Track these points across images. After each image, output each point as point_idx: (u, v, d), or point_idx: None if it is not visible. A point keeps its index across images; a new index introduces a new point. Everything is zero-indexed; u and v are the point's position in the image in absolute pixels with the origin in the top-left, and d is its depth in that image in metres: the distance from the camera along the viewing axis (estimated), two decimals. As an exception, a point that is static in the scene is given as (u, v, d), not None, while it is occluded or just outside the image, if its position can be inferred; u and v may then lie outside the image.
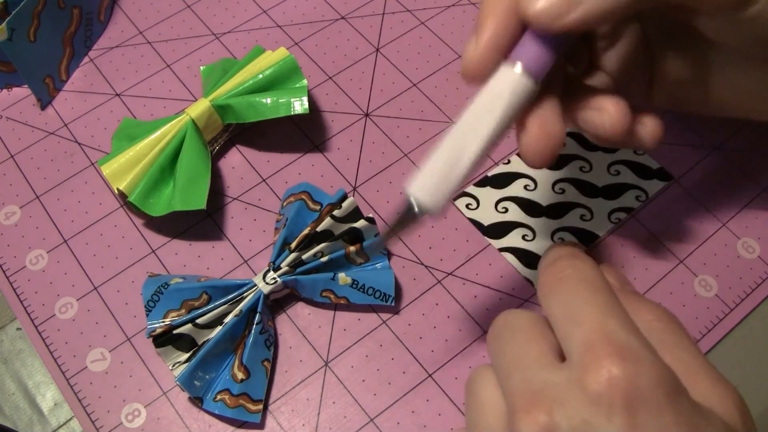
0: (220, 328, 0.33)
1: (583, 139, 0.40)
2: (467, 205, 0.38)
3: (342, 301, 0.35)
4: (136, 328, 0.35)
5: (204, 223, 0.38)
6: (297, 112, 0.37)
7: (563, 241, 0.37)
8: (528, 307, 0.36)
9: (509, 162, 0.40)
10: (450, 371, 0.34)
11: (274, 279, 0.34)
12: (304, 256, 0.34)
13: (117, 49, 0.44)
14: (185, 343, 0.33)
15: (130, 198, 0.36)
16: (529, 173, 0.39)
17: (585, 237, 0.37)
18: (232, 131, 0.40)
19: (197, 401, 0.33)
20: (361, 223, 0.35)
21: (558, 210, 0.38)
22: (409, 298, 0.36)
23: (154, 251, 0.37)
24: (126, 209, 0.38)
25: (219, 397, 0.32)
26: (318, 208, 0.36)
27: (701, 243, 0.37)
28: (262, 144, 0.41)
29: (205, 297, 0.34)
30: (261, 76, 0.38)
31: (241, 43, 0.44)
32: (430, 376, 0.34)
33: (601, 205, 0.38)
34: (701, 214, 0.38)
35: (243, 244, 0.37)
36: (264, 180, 0.39)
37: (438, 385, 0.34)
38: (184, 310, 0.34)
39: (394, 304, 0.35)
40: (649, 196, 0.39)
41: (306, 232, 0.34)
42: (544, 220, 0.38)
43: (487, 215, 0.38)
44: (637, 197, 0.39)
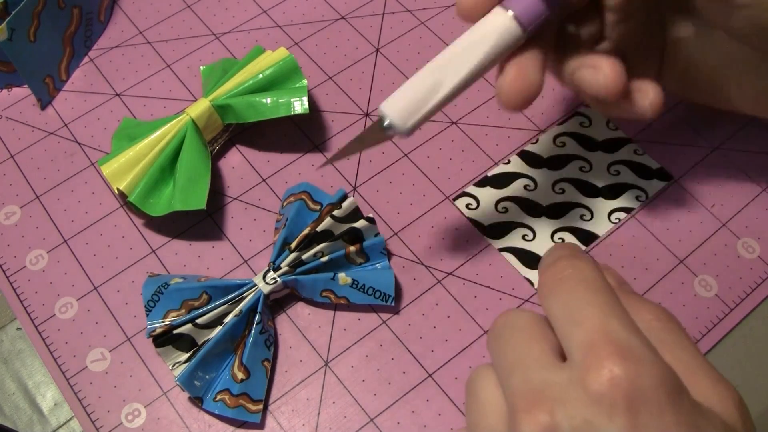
0: (220, 328, 0.33)
1: (583, 139, 0.40)
2: (467, 205, 0.38)
3: (342, 301, 0.35)
4: (136, 328, 0.35)
5: (204, 223, 0.38)
6: (297, 112, 0.37)
7: (563, 241, 0.37)
8: (528, 307, 0.36)
9: (509, 162, 0.40)
10: (450, 371, 0.34)
11: (274, 279, 0.34)
12: (304, 256, 0.34)
13: (117, 49, 0.44)
14: (185, 343, 0.33)
15: (130, 198, 0.36)
16: (529, 173, 0.39)
17: (585, 237, 0.37)
18: (232, 131, 0.40)
19: (197, 401, 0.33)
20: (361, 223, 0.35)
21: (558, 210, 0.38)
22: (409, 298, 0.36)
23: (154, 251, 0.37)
24: (126, 209, 0.38)
25: (219, 397, 0.32)
26: (318, 208, 0.36)
27: (701, 243, 0.37)
28: (262, 144, 0.41)
29: (205, 297, 0.34)
30: (261, 76, 0.38)
31: (241, 43, 0.44)
32: (430, 376, 0.34)
33: (601, 205, 0.38)
34: (701, 214, 0.38)
35: (243, 244, 0.37)
36: (264, 180, 0.39)
37: (438, 385, 0.34)
38: (184, 310, 0.34)
39: (394, 304, 0.35)
40: (649, 196, 0.39)
41: (306, 232, 0.34)
42: (544, 220, 0.38)
43: (487, 215, 0.38)
44: (637, 197, 0.39)
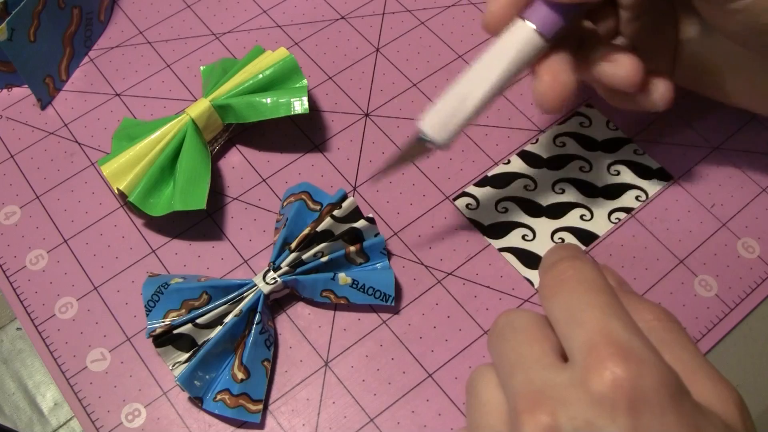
0: (220, 328, 0.33)
1: (583, 139, 0.40)
2: (467, 205, 0.38)
3: (342, 301, 0.35)
4: (136, 328, 0.35)
5: (204, 223, 0.38)
6: (297, 112, 0.37)
7: (563, 241, 0.37)
8: (528, 306, 0.36)
9: (509, 162, 0.40)
10: (450, 371, 0.34)
11: (274, 279, 0.34)
12: (304, 256, 0.34)
13: (117, 49, 0.44)
14: (185, 343, 0.33)
15: (130, 198, 0.36)
16: (529, 173, 0.39)
17: (585, 237, 0.37)
18: (232, 131, 0.40)
19: (197, 401, 0.33)
20: (361, 223, 0.35)
21: (558, 210, 0.38)
22: (409, 298, 0.36)
23: (154, 251, 0.37)
24: (126, 209, 0.38)
25: (219, 397, 0.32)
26: (318, 208, 0.36)
27: (701, 243, 0.37)
28: (262, 144, 0.41)
29: (205, 297, 0.34)
30: (261, 76, 0.38)
31: (241, 43, 0.44)
32: (430, 376, 0.34)
33: (601, 205, 0.38)
34: (701, 214, 0.38)
35: (243, 244, 0.37)
36: (264, 180, 0.39)
37: (438, 385, 0.34)
38: (184, 310, 0.34)
39: (394, 304, 0.35)
40: (649, 196, 0.39)
41: (306, 232, 0.34)
42: (544, 220, 0.38)
43: (487, 215, 0.38)
44: (637, 197, 0.39)
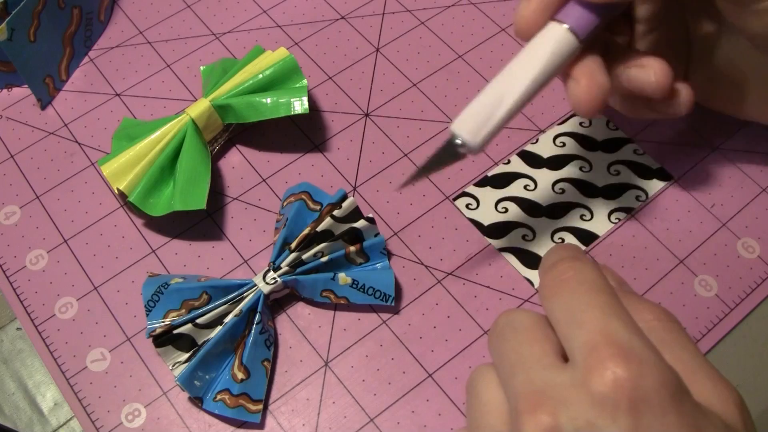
0: (220, 328, 0.33)
1: (583, 139, 0.40)
2: (467, 205, 0.38)
3: (342, 301, 0.35)
4: (136, 328, 0.35)
5: (204, 223, 0.38)
6: (297, 112, 0.37)
7: (563, 241, 0.37)
8: (528, 306, 0.36)
9: (509, 162, 0.40)
10: (450, 371, 0.34)
11: (274, 279, 0.34)
12: (304, 256, 0.34)
13: (117, 49, 0.44)
14: (185, 343, 0.33)
15: (130, 198, 0.36)
16: (529, 173, 0.39)
17: (585, 237, 0.37)
18: (232, 131, 0.40)
19: (197, 401, 0.33)
20: (361, 223, 0.35)
21: (558, 210, 0.38)
22: (409, 298, 0.36)
23: (154, 251, 0.37)
24: (126, 209, 0.38)
25: (219, 397, 0.32)
26: (318, 208, 0.36)
27: (701, 243, 0.37)
28: (262, 144, 0.41)
29: (205, 297, 0.34)
30: (261, 76, 0.38)
31: (241, 43, 0.44)
32: (430, 376, 0.34)
33: (601, 205, 0.38)
34: (701, 214, 0.38)
35: (243, 244, 0.37)
36: (264, 180, 0.39)
37: (438, 385, 0.34)
38: (184, 310, 0.34)
39: (394, 304, 0.35)
40: (649, 196, 0.39)
41: (306, 232, 0.34)
42: (544, 220, 0.38)
43: (487, 215, 0.38)
44: (637, 197, 0.39)
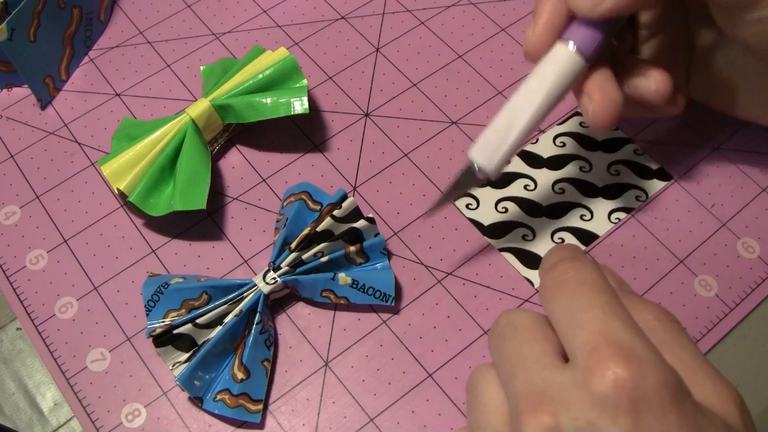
0: (220, 328, 0.33)
1: (583, 139, 0.40)
2: (467, 205, 0.38)
3: (342, 301, 0.35)
4: (136, 328, 0.35)
5: (204, 223, 0.38)
6: (297, 112, 0.37)
7: (563, 241, 0.37)
8: (528, 306, 0.36)
9: (509, 162, 0.40)
10: (450, 371, 0.34)
11: (274, 279, 0.34)
12: (304, 256, 0.34)
13: (117, 49, 0.44)
14: (185, 343, 0.33)
15: (130, 198, 0.36)
16: (529, 173, 0.39)
17: (585, 237, 0.37)
18: (232, 131, 0.40)
19: (197, 401, 0.33)
20: (361, 223, 0.35)
21: (558, 210, 0.38)
22: (409, 298, 0.36)
23: (154, 251, 0.37)
24: (126, 209, 0.38)
25: (219, 397, 0.32)
26: (318, 208, 0.36)
27: (701, 243, 0.37)
28: (262, 144, 0.41)
29: (205, 297, 0.34)
30: (261, 76, 0.38)
31: (241, 43, 0.44)
32: (430, 376, 0.34)
33: (601, 205, 0.38)
34: (701, 214, 0.38)
35: (243, 244, 0.37)
36: (264, 180, 0.39)
37: (438, 385, 0.34)
38: (184, 310, 0.34)
39: (394, 304, 0.35)
40: (649, 196, 0.39)
41: (306, 232, 0.34)
42: (544, 220, 0.38)
43: (487, 215, 0.38)
44: (637, 197, 0.39)
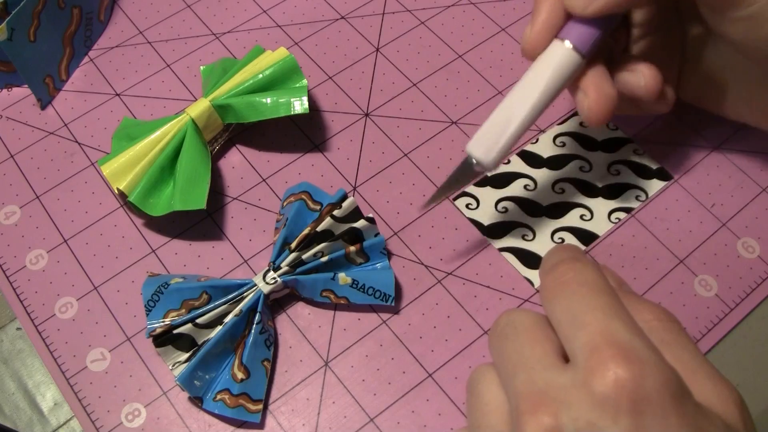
0: (220, 328, 0.33)
1: (583, 139, 0.40)
2: (467, 205, 0.38)
3: (342, 301, 0.35)
4: (136, 328, 0.35)
5: (204, 223, 0.38)
6: (297, 112, 0.37)
7: (563, 241, 0.37)
8: (528, 306, 0.36)
9: (509, 162, 0.40)
10: (450, 371, 0.34)
11: (274, 279, 0.34)
12: (304, 256, 0.34)
13: (117, 49, 0.44)
14: (185, 342, 0.33)
15: (130, 198, 0.36)
16: (529, 173, 0.39)
17: (585, 237, 0.37)
18: (232, 131, 0.40)
19: (197, 401, 0.33)
20: (361, 223, 0.35)
21: (558, 210, 0.38)
22: (409, 298, 0.36)
23: (154, 251, 0.37)
24: (126, 209, 0.38)
25: (219, 396, 0.32)
26: (318, 208, 0.36)
27: (701, 243, 0.37)
28: (262, 144, 0.41)
29: (205, 297, 0.34)
30: (261, 75, 0.38)
31: (241, 43, 0.44)
32: (430, 376, 0.34)
33: (601, 205, 0.38)
34: (701, 214, 0.38)
35: (243, 244, 0.37)
36: (264, 180, 0.39)
37: (438, 385, 0.34)
38: (184, 310, 0.34)
39: (394, 304, 0.35)
40: (649, 196, 0.39)
41: (306, 232, 0.34)
42: (544, 220, 0.38)
43: (487, 215, 0.38)
44: (637, 197, 0.39)
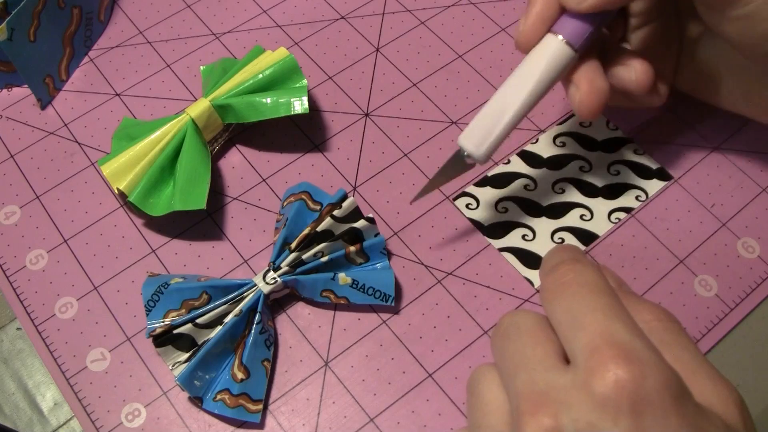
0: (220, 328, 0.33)
1: (583, 139, 0.40)
2: (467, 205, 0.38)
3: (342, 301, 0.35)
4: (136, 328, 0.35)
5: (204, 223, 0.38)
6: (297, 112, 0.37)
7: (563, 241, 0.37)
8: (528, 306, 0.36)
9: (509, 162, 0.40)
10: (450, 371, 0.34)
11: (274, 279, 0.34)
12: (304, 256, 0.34)
13: (117, 49, 0.44)
14: (185, 342, 0.33)
15: (130, 198, 0.36)
16: (529, 173, 0.39)
17: (585, 237, 0.37)
18: (232, 131, 0.40)
19: (197, 401, 0.33)
20: (361, 223, 0.35)
21: (558, 210, 0.38)
22: (409, 298, 0.36)
23: (154, 251, 0.37)
24: (126, 209, 0.38)
25: (219, 396, 0.32)
26: (318, 208, 0.36)
27: (701, 243, 0.37)
28: (262, 144, 0.41)
29: (205, 297, 0.34)
30: (261, 75, 0.38)
31: (241, 43, 0.44)
32: (430, 376, 0.34)
33: (601, 205, 0.38)
34: (701, 214, 0.38)
35: (243, 244, 0.37)
36: (264, 180, 0.39)
37: (438, 385, 0.34)
38: (184, 310, 0.34)
39: (394, 304, 0.35)
40: (649, 196, 0.39)
41: (306, 232, 0.34)
42: (544, 220, 0.38)
43: (487, 215, 0.38)
44: (637, 197, 0.39)
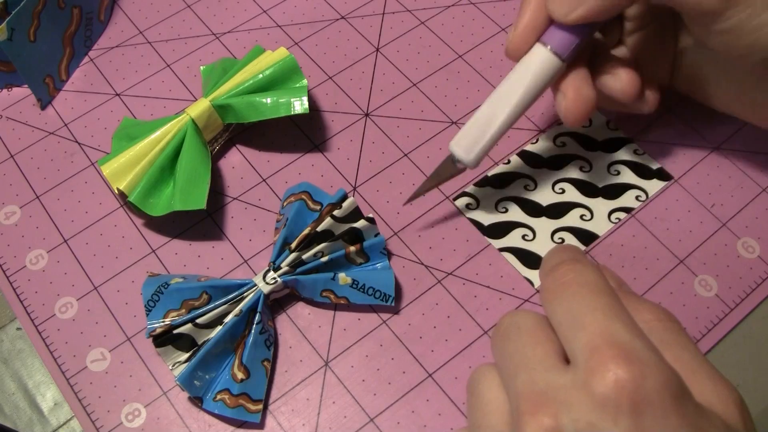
0: (220, 328, 0.33)
1: (583, 139, 0.40)
2: (467, 205, 0.38)
3: (342, 301, 0.35)
4: (136, 328, 0.35)
5: (204, 223, 0.38)
6: (297, 112, 0.37)
7: (563, 241, 0.37)
8: (528, 306, 0.36)
9: (509, 162, 0.40)
10: (450, 371, 0.34)
11: (274, 279, 0.34)
12: (305, 256, 0.34)
13: (117, 49, 0.44)
14: (185, 342, 0.33)
15: (130, 198, 0.36)
16: (529, 173, 0.39)
17: (585, 237, 0.37)
18: (232, 131, 0.40)
19: (197, 401, 0.33)
20: (361, 223, 0.35)
21: (558, 210, 0.38)
22: (409, 298, 0.36)
23: (154, 251, 0.37)
24: (126, 209, 0.38)
25: (219, 396, 0.32)
26: (318, 208, 0.36)
27: (701, 243, 0.37)
28: (262, 144, 0.41)
29: (205, 297, 0.34)
30: (261, 75, 0.38)
31: (241, 43, 0.44)
32: (430, 376, 0.34)
33: (601, 205, 0.38)
34: (701, 214, 0.38)
35: (243, 244, 0.37)
36: (264, 180, 0.39)
37: (438, 385, 0.34)
38: (184, 310, 0.34)
39: (394, 304, 0.35)
40: (649, 196, 0.39)
41: (306, 232, 0.34)
42: (544, 220, 0.38)
43: (487, 215, 0.38)
44: (637, 197, 0.39)
